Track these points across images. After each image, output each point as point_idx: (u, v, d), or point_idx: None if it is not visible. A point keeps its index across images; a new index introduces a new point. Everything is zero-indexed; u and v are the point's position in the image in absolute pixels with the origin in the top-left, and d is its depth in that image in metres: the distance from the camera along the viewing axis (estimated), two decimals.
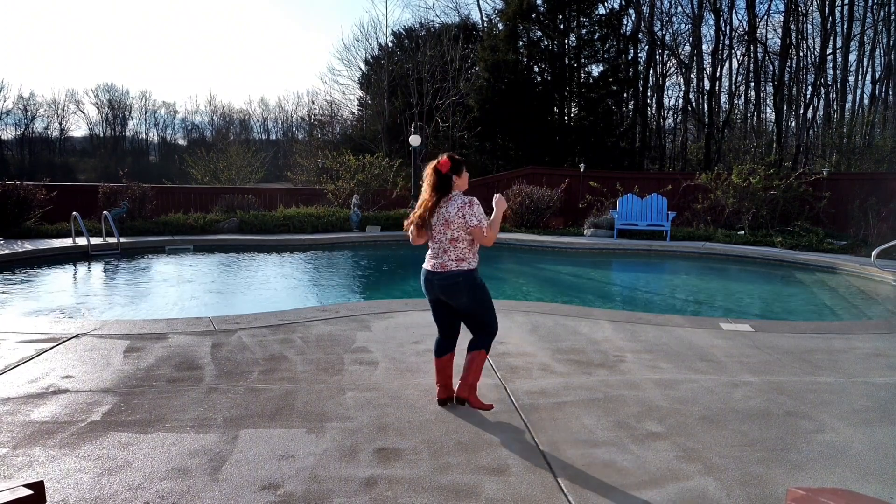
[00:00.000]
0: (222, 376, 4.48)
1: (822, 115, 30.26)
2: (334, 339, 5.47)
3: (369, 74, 30.09)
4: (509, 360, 5.00)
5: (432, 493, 2.93)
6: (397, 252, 13.50)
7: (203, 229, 14.56)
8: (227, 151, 30.63)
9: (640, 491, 2.99)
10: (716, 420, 3.86)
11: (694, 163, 31.02)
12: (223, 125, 51.53)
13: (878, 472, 3.23)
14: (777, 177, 15.71)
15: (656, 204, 15.39)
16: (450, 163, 3.81)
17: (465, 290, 3.81)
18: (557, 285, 10.75)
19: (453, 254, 3.79)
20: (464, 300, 3.84)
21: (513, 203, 16.48)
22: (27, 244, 11.87)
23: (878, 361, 5.22)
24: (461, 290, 3.80)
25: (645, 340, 5.66)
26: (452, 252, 3.79)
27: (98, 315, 7.40)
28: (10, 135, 55.55)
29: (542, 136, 27.15)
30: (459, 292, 3.81)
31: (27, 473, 3.06)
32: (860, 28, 29.10)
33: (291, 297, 8.81)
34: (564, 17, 28.48)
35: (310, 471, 3.12)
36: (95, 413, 3.79)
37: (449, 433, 3.60)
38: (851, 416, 3.98)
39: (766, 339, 5.85)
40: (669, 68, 33.23)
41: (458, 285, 3.79)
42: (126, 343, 5.25)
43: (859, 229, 14.94)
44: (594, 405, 4.07)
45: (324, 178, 18.69)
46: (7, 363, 4.69)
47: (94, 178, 43.08)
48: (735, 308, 8.75)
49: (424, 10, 53.46)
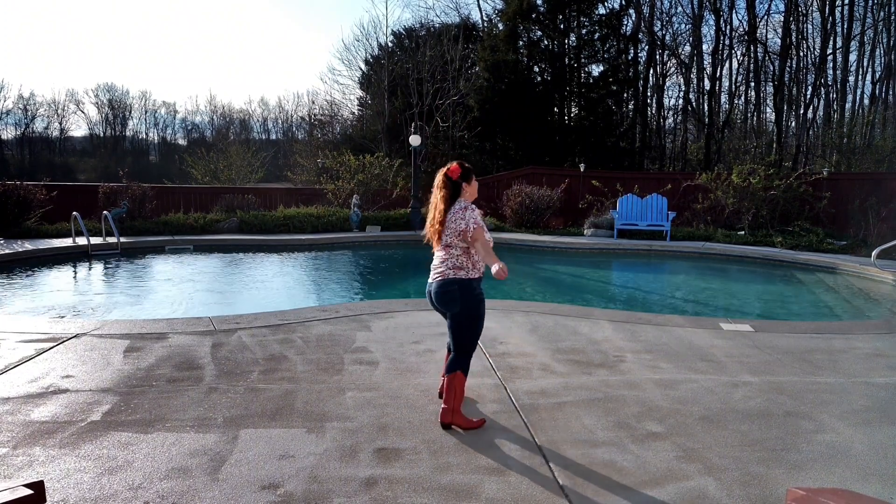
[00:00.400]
0: (222, 376, 4.48)
1: (822, 115, 30.27)
2: (334, 339, 5.47)
3: (369, 74, 30.09)
4: (509, 360, 5.00)
5: (432, 493, 2.93)
6: (397, 252, 13.50)
7: (203, 229, 14.56)
8: (227, 151, 30.62)
9: (640, 491, 2.99)
10: (716, 420, 3.86)
11: (694, 163, 31.01)
12: (223, 125, 51.54)
13: (878, 472, 3.23)
14: (777, 177, 15.71)
15: (656, 204, 15.39)
16: (460, 170, 3.75)
17: (460, 300, 3.67)
18: (557, 285, 10.75)
19: (450, 262, 3.71)
20: (455, 309, 3.69)
21: (513, 203, 16.48)
22: (27, 244, 11.87)
23: (878, 361, 5.22)
24: (457, 298, 3.66)
25: (645, 340, 5.66)
26: (449, 260, 3.71)
27: (98, 315, 7.40)
28: (10, 135, 55.59)
29: (542, 136, 27.15)
30: (454, 301, 3.67)
31: (27, 473, 3.06)
32: (860, 28, 29.11)
33: (291, 297, 8.81)
34: (564, 17, 28.48)
35: (310, 471, 3.12)
36: (95, 413, 3.79)
37: (449, 433, 3.60)
38: (851, 416, 3.98)
39: (767, 339, 5.85)
40: (669, 68, 33.25)
41: (452, 293, 3.67)
42: (126, 343, 5.25)
43: (859, 229, 14.94)
44: (594, 405, 4.07)
45: (324, 178, 18.68)
46: (7, 363, 4.69)
47: (94, 178, 43.09)
48: (735, 308, 8.75)
49: (424, 10, 53.49)
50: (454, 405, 3.68)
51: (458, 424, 3.67)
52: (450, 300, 3.69)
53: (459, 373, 3.70)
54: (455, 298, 3.67)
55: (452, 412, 3.68)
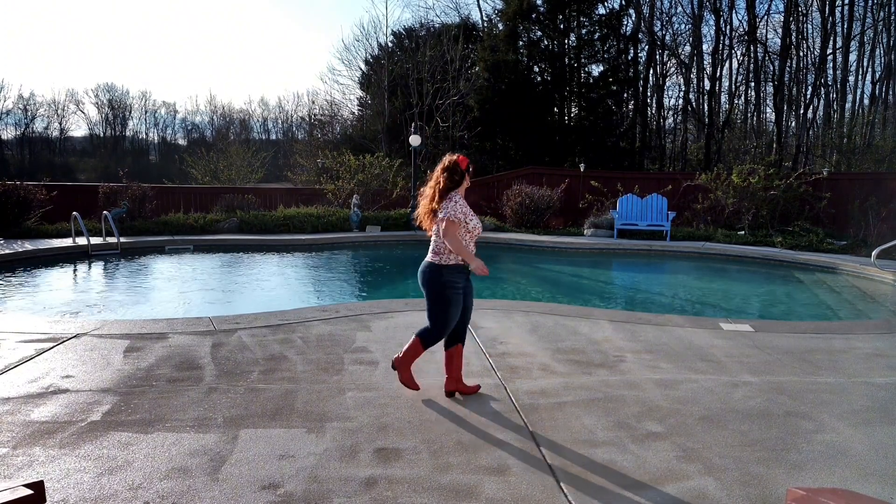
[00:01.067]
0: (222, 376, 4.48)
1: (822, 115, 30.28)
2: (334, 339, 5.47)
3: (369, 74, 30.10)
4: (509, 360, 5.00)
5: (432, 493, 2.93)
6: (397, 252, 13.51)
7: (203, 229, 14.56)
8: (227, 151, 30.59)
9: (640, 491, 2.99)
10: (716, 420, 3.86)
11: (694, 163, 31.02)
12: (223, 125, 51.45)
13: (878, 472, 3.23)
14: (777, 177, 15.70)
15: (656, 204, 15.39)
16: (468, 160, 4.09)
17: (426, 282, 3.98)
18: (557, 285, 10.75)
19: (431, 246, 4.03)
20: (425, 290, 4.02)
21: (513, 203, 16.48)
22: (27, 244, 11.87)
23: (878, 361, 5.22)
24: (425, 280, 3.99)
25: (645, 340, 5.66)
26: (431, 244, 4.04)
27: (98, 315, 7.39)
28: (10, 135, 55.54)
29: (542, 136, 27.16)
30: (424, 282, 4.01)
31: (27, 473, 3.06)
32: (860, 28, 29.13)
33: (291, 297, 8.81)
34: (564, 17, 28.49)
35: (310, 471, 3.12)
36: (95, 413, 3.79)
37: (449, 433, 3.60)
38: (851, 416, 3.98)
39: (766, 339, 5.85)
40: (669, 68, 33.27)
41: (424, 274, 4.01)
42: (126, 343, 5.25)
43: (859, 229, 14.94)
44: (594, 405, 4.07)
45: (324, 178, 18.67)
46: (7, 363, 4.69)
47: (94, 178, 43.05)
48: (735, 308, 8.75)
49: (424, 10, 53.53)
50: (403, 358, 4.12)
51: (401, 376, 4.14)
52: (422, 281, 4.02)
53: (419, 340, 4.08)
54: (425, 280, 4.00)
55: (401, 363, 4.13)
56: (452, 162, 4.01)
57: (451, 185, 3.98)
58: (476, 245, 4.12)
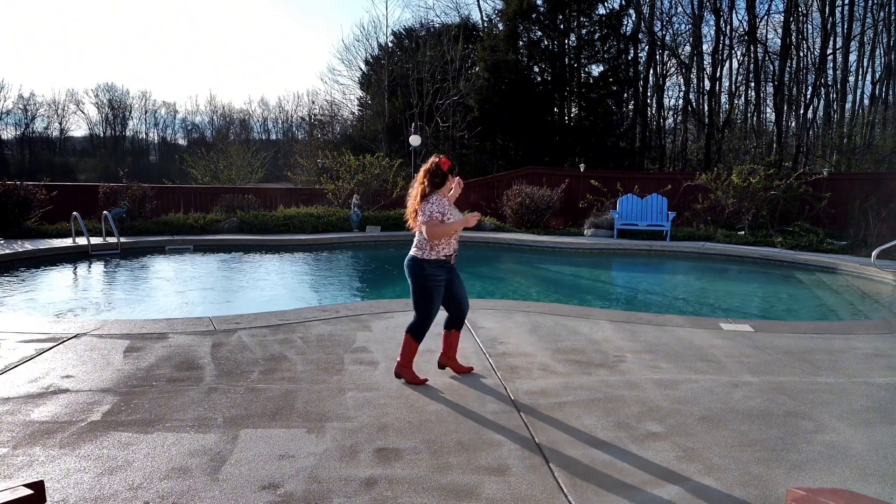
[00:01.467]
0: (222, 376, 4.48)
1: (822, 116, 30.29)
2: (334, 339, 5.47)
3: (369, 74, 30.10)
4: (509, 360, 5.00)
5: (432, 493, 2.93)
6: (397, 252, 13.50)
7: (203, 229, 14.55)
8: (228, 151, 30.58)
9: (640, 491, 2.99)
10: (716, 420, 3.86)
11: (694, 163, 31.02)
12: (223, 125, 51.43)
13: (878, 472, 3.23)
14: (777, 177, 15.69)
15: (656, 204, 15.39)
16: (449, 162, 4.28)
17: (409, 275, 4.28)
18: (557, 285, 10.75)
19: (415, 241, 4.32)
20: (409, 281, 4.29)
21: (513, 203, 16.47)
22: (27, 244, 11.87)
23: (878, 361, 5.22)
24: (409, 272, 4.28)
25: (645, 340, 5.66)
26: (415, 240, 4.33)
27: (98, 315, 7.39)
28: (10, 135, 55.52)
29: (542, 136, 27.16)
30: (408, 275, 4.29)
31: (27, 473, 3.06)
32: (860, 28, 29.13)
33: (291, 297, 8.81)
34: (564, 17, 28.50)
35: (310, 471, 3.12)
36: (95, 413, 3.79)
37: (449, 433, 3.60)
38: (851, 416, 3.98)
39: (766, 339, 5.85)
40: (669, 68, 33.27)
41: (409, 268, 4.29)
42: (126, 343, 5.25)
43: (859, 229, 14.93)
44: (594, 405, 4.07)
45: (324, 178, 18.67)
46: (7, 363, 4.69)
47: (94, 178, 43.04)
48: (735, 308, 8.75)
49: (424, 10, 53.51)
50: (402, 360, 4.35)
51: (405, 378, 4.34)
52: (407, 273, 4.32)
53: (409, 336, 4.33)
54: (410, 273, 4.29)
55: (401, 366, 4.36)
56: (434, 164, 4.22)
57: (432, 187, 4.20)
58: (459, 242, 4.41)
